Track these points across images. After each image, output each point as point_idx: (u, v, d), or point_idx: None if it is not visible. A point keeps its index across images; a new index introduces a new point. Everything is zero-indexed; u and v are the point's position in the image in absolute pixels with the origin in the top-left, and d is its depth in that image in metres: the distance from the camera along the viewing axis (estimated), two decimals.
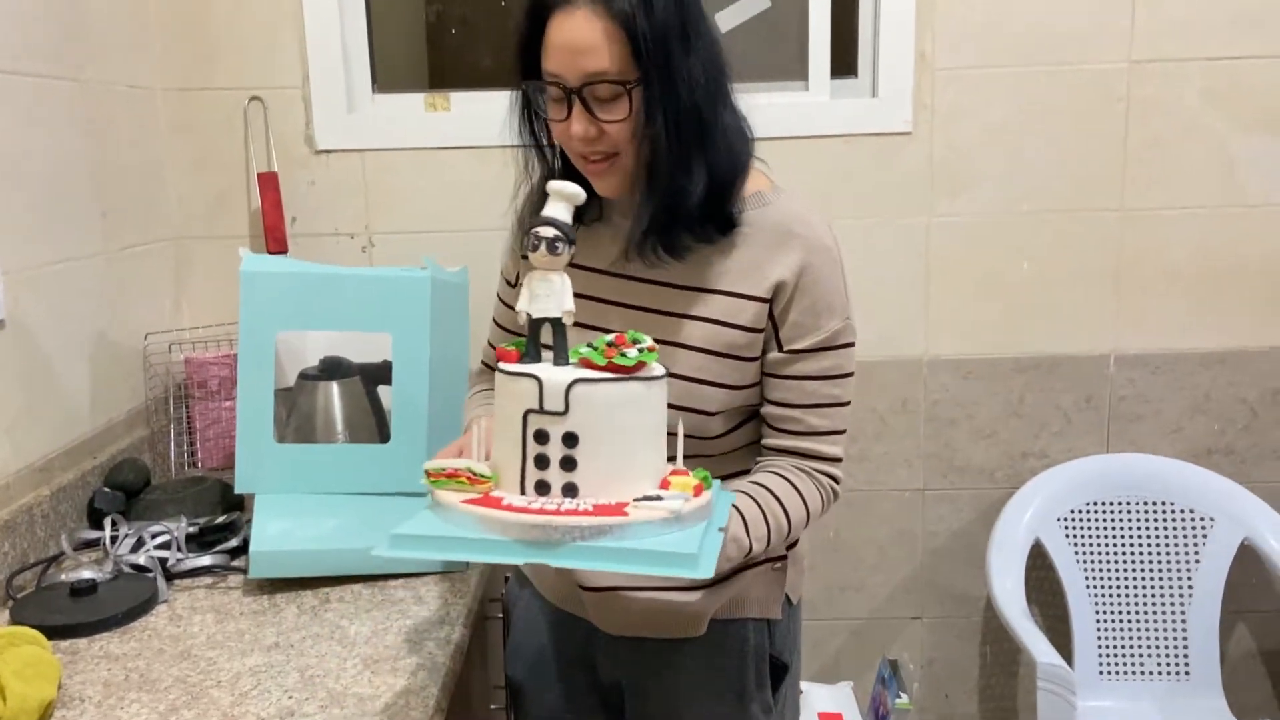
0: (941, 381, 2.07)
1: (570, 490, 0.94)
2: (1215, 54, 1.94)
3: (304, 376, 1.69)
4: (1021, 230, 2.01)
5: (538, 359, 1.00)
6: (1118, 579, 2.04)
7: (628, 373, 0.96)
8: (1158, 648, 2.02)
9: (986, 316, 2.05)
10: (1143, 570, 2.04)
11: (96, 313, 1.69)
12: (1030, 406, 2.08)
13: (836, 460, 1.17)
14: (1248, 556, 1.99)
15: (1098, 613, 2.03)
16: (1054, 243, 2.02)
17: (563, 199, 1.00)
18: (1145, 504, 2.04)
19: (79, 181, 1.64)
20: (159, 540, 1.41)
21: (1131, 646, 2.03)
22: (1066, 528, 2.03)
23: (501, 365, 0.99)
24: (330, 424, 1.66)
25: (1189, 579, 2.02)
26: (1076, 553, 2.03)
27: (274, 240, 1.92)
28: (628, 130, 1.06)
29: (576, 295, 1.02)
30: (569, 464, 0.94)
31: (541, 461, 0.94)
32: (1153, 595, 2.03)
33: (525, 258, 1.21)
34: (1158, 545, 2.04)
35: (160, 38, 1.91)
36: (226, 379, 1.83)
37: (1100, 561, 2.04)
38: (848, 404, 1.17)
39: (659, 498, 0.95)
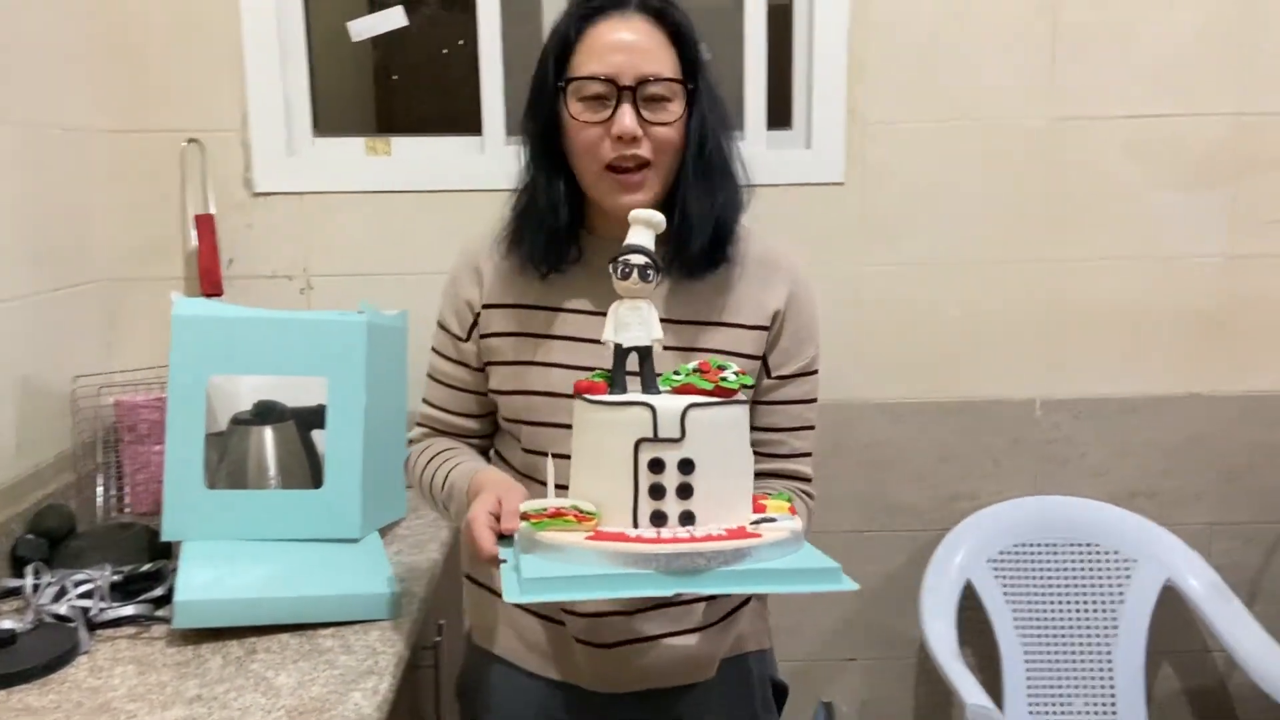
0: (873, 424, 2.11)
1: (687, 518, 0.92)
2: (1133, 112, 2.02)
3: (236, 421, 1.67)
4: (950, 278, 2.07)
5: (625, 389, 0.98)
6: (1046, 620, 2.08)
7: (732, 395, 0.95)
8: (1085, 688, 2.06)
9: (917, 361, 2.10)
10: (1070, 611, 2.08)
11: (24, 355, 1.66)
12: (960, 449, 2.13)
13: (811, 480, 1.23)
14: (1171, 597, 2.05)
15: (1026, 653, 2.07)
16: (981, 291, 2.08)
17: (649, 227, 0.99)
18: (1072, 545, 2.09)
19: (9, 222, 1.62)
20: (82, 589, 1.38)
21: (1060, 687, 2.06)
22: (996, 569, 2.07)
23: (591, 397, 0.96)
24: (263, 469, 1.64)
25: (1114, 619, 2.06)
26: (1006, 594, 2.07)
27: (209, 283, 1.91)
28: (671, 135, 1.10)
29: (567, 339, 1.01)
30: (685, 491, 0.91)
31: (656, 491, 0.91)
32: (1080, 636, 2.07)
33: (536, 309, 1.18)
34: (1084, 586, 2.08)
35: (96, 79, 1.90)
36: (157, 423, 1.80)
37: (1029, 602, 2.08)
38: (815, 427, 1.23)
39: (772, 519, 0.94)
